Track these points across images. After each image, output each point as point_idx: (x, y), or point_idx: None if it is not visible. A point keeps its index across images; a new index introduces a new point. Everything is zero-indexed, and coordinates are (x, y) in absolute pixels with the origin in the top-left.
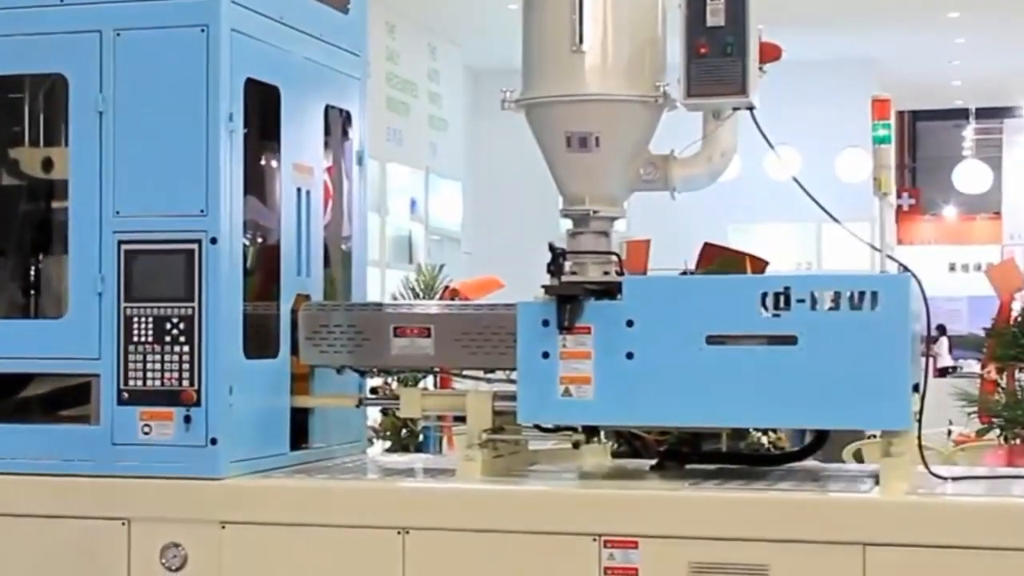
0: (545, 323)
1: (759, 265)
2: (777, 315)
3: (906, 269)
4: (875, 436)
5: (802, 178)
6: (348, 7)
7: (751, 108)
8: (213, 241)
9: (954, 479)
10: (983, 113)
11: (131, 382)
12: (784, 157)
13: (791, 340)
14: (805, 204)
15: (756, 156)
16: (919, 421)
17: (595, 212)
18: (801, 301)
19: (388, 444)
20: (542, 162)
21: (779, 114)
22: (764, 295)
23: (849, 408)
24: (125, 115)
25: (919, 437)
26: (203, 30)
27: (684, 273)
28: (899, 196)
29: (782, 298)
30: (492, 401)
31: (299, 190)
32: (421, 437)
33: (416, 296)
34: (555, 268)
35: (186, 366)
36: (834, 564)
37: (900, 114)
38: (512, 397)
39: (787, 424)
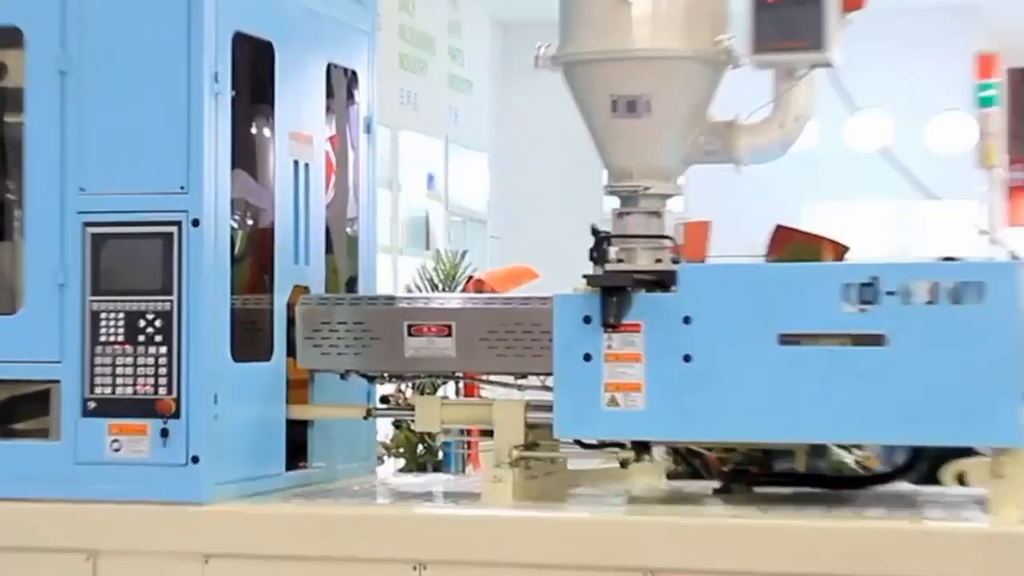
0: (587, 319)
1: (840, 251)
2: (863, 310)
3: (1017, 256)
4: (981, 454)
5: (892, 148)
6: None
7: (829, 65)
8: (195, 223)
9: None
10: None
11: (98, 389)
12: (870, 123)
13: (879, 340)
14: (896, 179)
15: (836, 122)
16: None
17: (646, 189)
18: (891, 293)
19: (402, 463)
20: (583, 130)
21: (864, 72)
22: (847, 286)
23: (948, 421)
24: (92, 75)
25: None
26: None
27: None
28: (1009, 169)
29: (869, 290)
30: (524, 412)
31: (296, 163)
32: (440, 455)
33: (434, 288)
34: (599, 255)
35: (163, 371)
36: None
37: (1011, 72)
38: (548, 407)
39: (875, 439)
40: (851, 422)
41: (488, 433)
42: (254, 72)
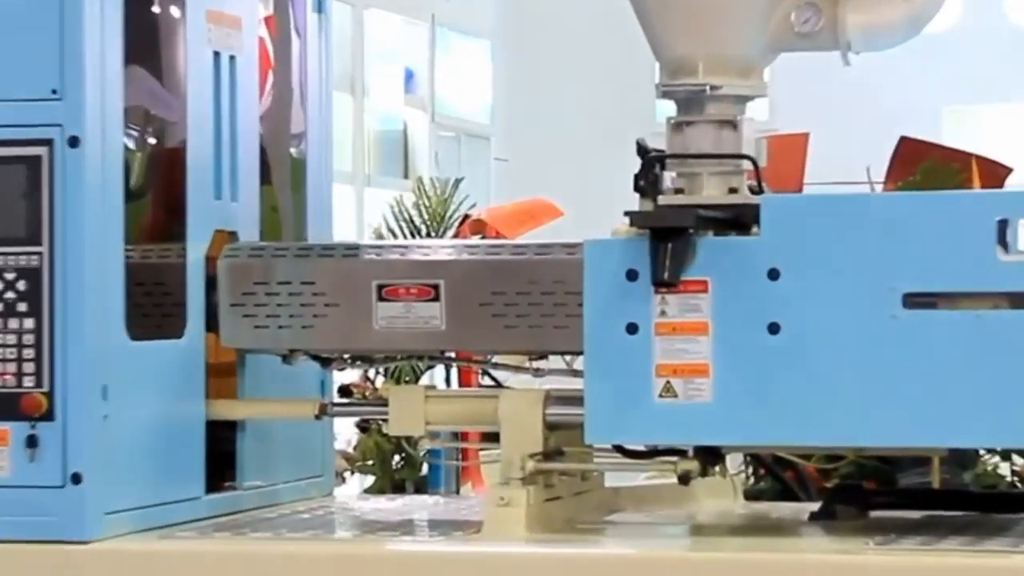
0: (631, 275)
1: (996, 174)
2: None
3: None
4: None
5: None
6: None
7: None
8: (72, 142)
9: None
10: None
11: None
12: None
13: None
14: None
15: None
16: None
17: (714, 88)
18: None
19: (371, 480)
20: (625, 6)
21: None
22: (1003, 224)
23: None
24: None
25: None
26: None
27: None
28: None
29: None
30: (543, 407)
31: (218, 56)
32: (425, 469)
33: (416, 232)
34: (648, 183)
35: (29, 353)
36: None
37: None
38: (577, 400)
39: None
40: (1009, 418)
41: (492, 437)
42: None
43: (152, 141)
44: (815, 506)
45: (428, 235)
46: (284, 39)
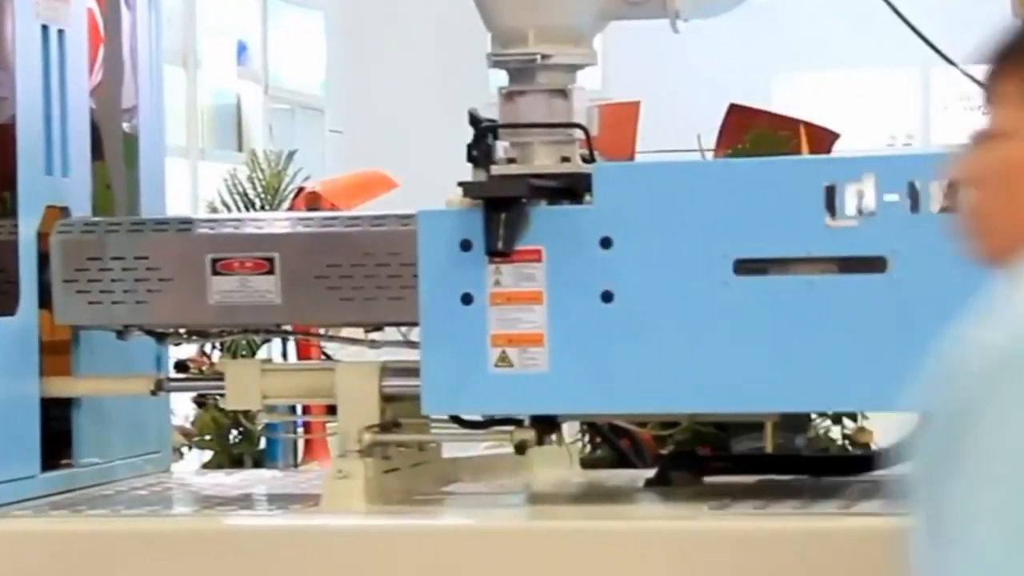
0: (465, 245)
1: (824, 140)
2: (855, 223)
3: None
4: None
5: None
6: None
7: None
8: None
9: None
10: None
11: None
12: None
13: (878, 265)
14: (903, 39)
15: None
16: None
17: (545, 57)
18: (894, 199)
19: (209, 456)
20: None
21: None
22: (831, 190)
23: None
24: None
25: None
26: None
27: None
28: None
29: (863, 194)
30: (379, 379)
31: (46, 29)
32: (263, 443)
33: (250, 205)
34: (481, 153)
35: None
36: None
37: None
38: (413, 371)
39: (874, 406)
40: (839, 382)
41: (331, 411)
42: None
43: None
44: (651, 473)
45: (263, 208)
46: (114, 12)
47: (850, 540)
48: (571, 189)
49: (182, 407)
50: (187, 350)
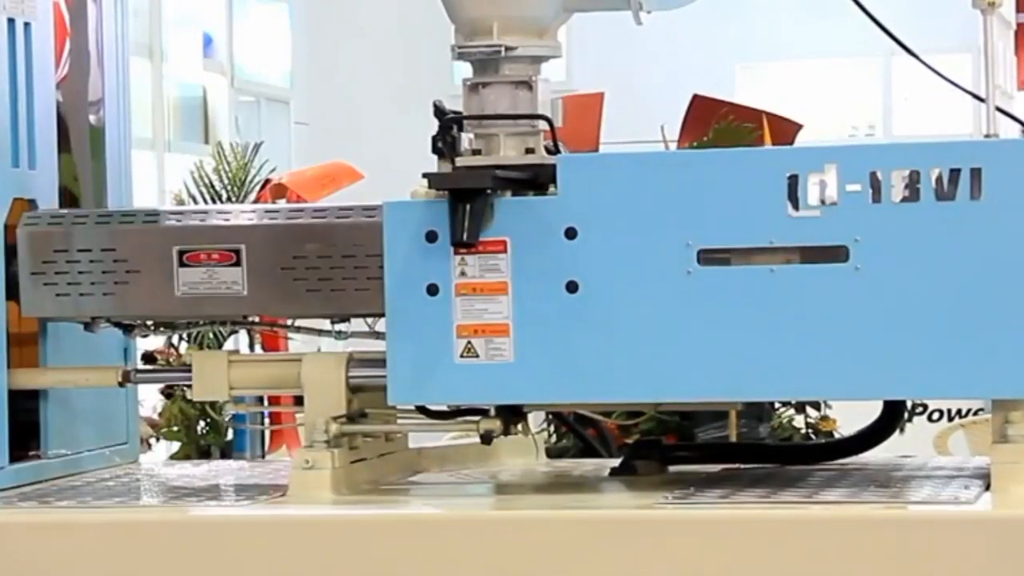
0: (430, 236)
1: (787, 131)
2: (815, 213)
3: None
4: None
5: None
6: None
7: None
8: None
9: None
10: None
11: None
12: None
13: (840, 254)
14: (864, 29)
15: None
16: None
17: (509, 49)
18: (856, 189)
19: (177, 447)
20: None
21: None
22: (793, 180)
23: (937, 367)
24: None
25: None
26: None
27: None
28: (1019, 10)
29: (825, 184)
30: (346, 369)
31: (12, 23)
32: (230, 434)
33: (216, 197)
34: (445, 145)
35: None
36: None
37: None
38: (380, 362)
39: (837, 394)
40: (802, 371)
41: (298, 401)
42: None
43: None
44: (616, 462)
45: (229, 200)
46: (80, 6)
47: (814, 528)
48: (535, 180)
49: (150, 398)
50: (154, 342)
